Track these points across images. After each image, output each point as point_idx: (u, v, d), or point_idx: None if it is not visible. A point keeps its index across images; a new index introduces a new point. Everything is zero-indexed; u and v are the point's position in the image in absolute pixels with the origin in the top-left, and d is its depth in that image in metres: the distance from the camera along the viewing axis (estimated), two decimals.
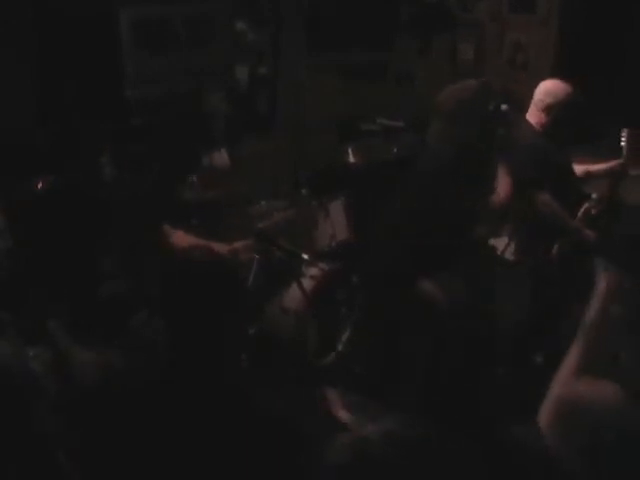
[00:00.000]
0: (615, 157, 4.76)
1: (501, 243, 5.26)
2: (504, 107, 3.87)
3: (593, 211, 4.30)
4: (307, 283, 4.57)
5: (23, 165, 4.10)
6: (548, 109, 4.19)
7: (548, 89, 4.21)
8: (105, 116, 4.56)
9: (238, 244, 4.19)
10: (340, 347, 4.70)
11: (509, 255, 4.84)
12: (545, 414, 2.08)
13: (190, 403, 2.12)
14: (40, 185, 4.02)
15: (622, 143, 4.33)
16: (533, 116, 4.28)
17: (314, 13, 6.05)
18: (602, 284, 2.25)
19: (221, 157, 4.82)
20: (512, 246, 4.75)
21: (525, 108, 4.65)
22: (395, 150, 5.69)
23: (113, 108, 4.66)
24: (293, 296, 4.56)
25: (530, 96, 4.42)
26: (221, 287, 2.25)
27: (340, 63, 6.24)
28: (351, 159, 5.64)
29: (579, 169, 4.51)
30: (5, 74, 4.40)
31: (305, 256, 4.58)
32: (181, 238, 3.93)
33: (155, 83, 4.99)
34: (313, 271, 4.63)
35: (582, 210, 4.31)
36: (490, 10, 6.21)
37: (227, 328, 2.27)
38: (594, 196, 4.41)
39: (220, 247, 3.86)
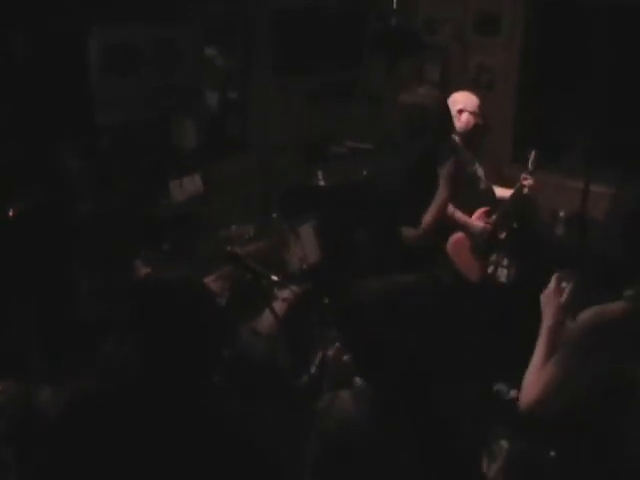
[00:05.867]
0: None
1: None
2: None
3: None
4: (279, 306, 4.57)
5: None
6: (459, 114, 4.63)
7: (456, 99, 4.71)
8: (72, 139, 4.53)
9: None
10: (313, 369, 4.69)
11: None
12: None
13: (161, 426, 2.11)
14: (12, 212, 4.00)
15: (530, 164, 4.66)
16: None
17: (281, 34, 6.06)
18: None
19: (194, 181, 4.81)
20: None
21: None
22: (365, 172, 5.72)
23: (81, 131, 4.63)
24: (265, 319, 4.55)
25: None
26: (191, 309, 2.26)
27: (308, 85, 6.26)
28: (321, 182, 5.67)
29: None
30: None
31: (275, 278, 4.59)
32: None
33: (123, 107, 4.96)
34: (285, 294, 4.63)
35: (495, 217, 4.66)
36: (455, 31, 6.28)
37: (198, 350, 2.27)
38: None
39: None
